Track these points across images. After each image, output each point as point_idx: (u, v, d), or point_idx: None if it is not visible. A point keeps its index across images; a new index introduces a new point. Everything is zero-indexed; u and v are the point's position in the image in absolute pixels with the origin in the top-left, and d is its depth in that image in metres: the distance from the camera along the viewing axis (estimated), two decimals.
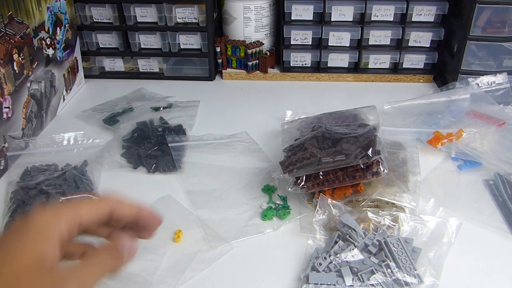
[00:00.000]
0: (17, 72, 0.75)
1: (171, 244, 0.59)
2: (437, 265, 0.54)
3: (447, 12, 0.96)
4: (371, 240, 0.55)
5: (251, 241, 0.60)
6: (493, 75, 0.87)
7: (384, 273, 0.52)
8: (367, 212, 0.59)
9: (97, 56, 1.04)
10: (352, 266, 0.53)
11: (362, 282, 0.51)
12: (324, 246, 0.58)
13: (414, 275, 0.52)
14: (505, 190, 0.67)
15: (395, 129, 0.79)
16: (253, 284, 0.54)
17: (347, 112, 0.76)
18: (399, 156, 0.70)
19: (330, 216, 0.60)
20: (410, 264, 0.52)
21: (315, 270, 0.53)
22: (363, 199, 0.62)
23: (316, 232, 0.59)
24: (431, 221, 0.60)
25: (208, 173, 0.73)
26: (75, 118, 0.90)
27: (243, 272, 0.56)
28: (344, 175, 0.60)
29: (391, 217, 0.59)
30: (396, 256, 0.53)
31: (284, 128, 0.78)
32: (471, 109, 0.82)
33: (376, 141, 0.62)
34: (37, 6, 0.81)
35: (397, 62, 1.01)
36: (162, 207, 0.66)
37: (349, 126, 0.68)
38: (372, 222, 0.58)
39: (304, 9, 0.98)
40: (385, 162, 0.61)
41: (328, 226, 0.60)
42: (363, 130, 0.64)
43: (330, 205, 0.61)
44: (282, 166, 0.63)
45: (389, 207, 0.61)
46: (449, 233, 0.59)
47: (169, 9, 0.97)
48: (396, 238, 0.55)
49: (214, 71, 1.06)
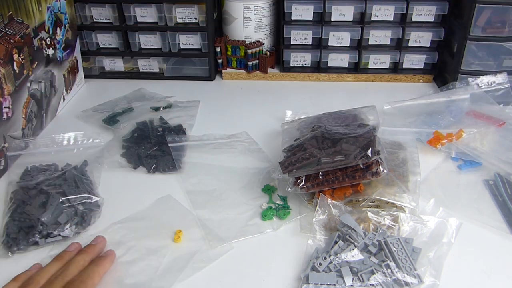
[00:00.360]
0: (17, 72, 0.75)
1: (171, 244, 0.59)
2: (437, 265, 0.54)
3: (447, 12, 0.96)
4: (371, 240, 0.55)
5: (251, 241, 0.60)
6: (493, 75, 0.87)
7: (384, 273, 0.52)
8: (367, 212, 0.59)
9: (97, 56, 1.04)
10: (352, 266, 0.53)
11: (362, 282, 0.51)
12: (324, 246, 0.58)
13: (414, 275, 0.52)
14: (505, 190, 0.67)
15: (395, 129, 0.79)
16: (253, 284, 0.54)
17: (347, 112, 0.76)
18: (399, 156, 0.70)
19: (330, 216, 0.60)
20: (410, 264, 0.52)
21: (315, 270, 0.53)
22: (363, 199, 0.62)
23: (316, 232, 0.59)
24: (431, 221, 0.60)
25: (208, 173, 0.73)
26: (75, 118, 0.90)
27: (243, 272, 0.56)
28: (344, 175, 0.60)
29: (391, 217, 0.59)
30: (396, 256, 0.53)
31: (284, 128, 0.78)
32: (471, 109, 0.82)
33: (376, 141, 0.62)
34: (37, 6, 0.81)
35: (397, 62, 1.01)
36: (162, 207, 0.66)
37: (348, 126, 0.68)
38: (372, 222, 0.58)
39: (304, 9, 0.98)
40: (385, 162, 0.61)
41: (328, 226, 0.60)
42: (362, 130, 0.64)
43: (330, 205, 0.61)
44: (282, 166, 0.63)
45: (389, 207, 0.61)
46: (449, 233, 0.59)
47: (169, 9, 0.97)
48: (396, 238, 0.55)
49: (214, 71, 1.06)
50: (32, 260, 0.57)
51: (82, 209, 0.63)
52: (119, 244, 0.59)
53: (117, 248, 0.58)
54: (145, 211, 0.65)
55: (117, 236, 0.61)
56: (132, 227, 0.62)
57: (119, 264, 0.56)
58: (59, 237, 0.60)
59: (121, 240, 0.60)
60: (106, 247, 0.58)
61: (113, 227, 0.62)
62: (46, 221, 0.60)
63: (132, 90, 0.98)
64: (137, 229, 0.62)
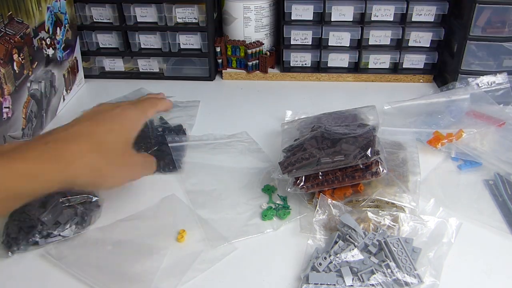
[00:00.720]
0: (17, 72, 0.75)
1: (174, 244, 0.59)
2: (437, 265, 0.54)
3: (447, 12, 0.96)
4: (371, 240, 0.55)
5: (251, 241, 0.60)
6: (493, 75, 0.87)
7: (384, 273, 0.52)
8: (367, 212, 0.59)
9: (97, 56, 1.04)
10: (352, 266, 0.53)
11: (362, 282, 0.51)
12: (324, 246, 0.58)
13: (414, 275, 0.52)
14: (505, 190, 0.67)
15: (395, 129, 0.79)
16: (253, 284, 0.54)
17: (346, 112, 0.76)
18: (399, 156, 0.70)
19: (330, 216, 0.60)
20: (410, 264, 0.53)
21: (315, 270, 0.53)
22: (363, 199, 0.62)
23: (316, 232, 0.59)
24: (431, 221, 0.60)
25: (208, 173, 0.73)
26: None
27: (243, 272, 0.56)
28: (344, 175, 0.60)
29: (391, 217, 0.59)
30: (396, 256, 0.53)
31: (284, 128, 0.78)
32: (471, 109, 0.82)
33: (375, 141, 0.62)
34: (37, 6, 0.81)
35: (397, 62, 1.01)
36: (166, 207, 0.66)
37: (348, 126, 0.68)
38: (372, 222, 0.58)
39: (304, 9, 0.98)
40: (385, 162, 0.61)
41: (328, 226, 0.60)
42: (362, 130, 0.64)
43: (330, 205, 0.61)
44: (281, 166, 0.63)
45: (389, 207, 0.61)
46: (449, 233, 0.59)
47: (169, 9, 0.97)
48: (396, 238, 0.55)
49: (214, 71, 1.06)
50: (32, 260, 0.57)
51: (82, 209, 0.63)
52: (121, 241, 0.59)
53: (120, 245, 0.58)
54: (149, 210, 0.65)
55: (121, 232, 0.61)
56: (137, 225, 0.62)
57: (122, 259, 0.56)
58: (59, 237, 0.60)
59: (124, 238, 0.60)
60: (110, 243, 0.59)
61: (118, 224, 0.62)
62: (46, 221, 0.60)
63: (132, 90, 0.98)
64: (141, 227, 0.62)
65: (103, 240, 0.60)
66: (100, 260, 0.57)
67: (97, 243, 0.60)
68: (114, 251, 0.58)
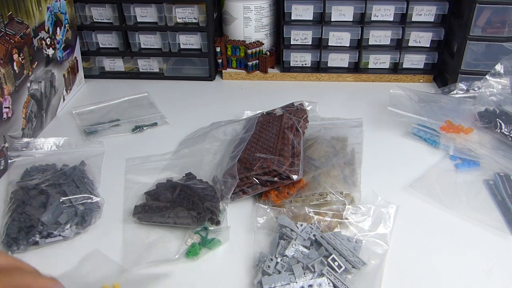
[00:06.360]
0: (17, 72, 0.75)
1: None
2: (377, 253, 0.57)
3: (447, 12, 0.96)
4: (308, 234, 0.57)
5: (193, 265, 0.57)
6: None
7: (330, 263, 0.53)
8: (308, 210, 0.61)
9: (97, 56, 1.04)
10: (300, 261, 0.54)
11: (313, 274, 0.52)
12: (269, 249, 0.58)
13: (357, 261, 0.54)
14: (504, 189, 0.67)
15: (404, 113, 0.81)
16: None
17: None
18: (344, 149, 0.73)
19: (270, 219, 0.62)
20: (351, 253, 0.55)
21: (266, 274, 0.53)
22: (311, 194, 0.64)
23: (260, 238, 0.60)
24: (371, 210, 0.62)
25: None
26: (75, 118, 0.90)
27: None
28: (266, 181, 0.65)
29: (333, 212, 0.61)
30: (337, 246, 0.55)
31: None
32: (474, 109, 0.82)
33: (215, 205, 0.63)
34: (37, 6, 0.81)
35: (397, 62, 1.02)
36: (90, 264, 0.58)
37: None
38: (315, 219, 0.60)
39: (304, 9, 0.98)
40: (301, 168, 0.65)
41: (270, 230, 0.61)
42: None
43: (267, 210, 0.63)
44: (135, 210, 0.64)
45: (335, 199, 0.63)
46: (387, 219, 0.61)
47: (169, 9, 0.97)
48: (332, 233, 0.57)
49: (214, 71, 1.06)
50: (32, 260, 0.56)
51: (83, 209, 0.63)
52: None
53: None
54: (71, 271, 0.57)
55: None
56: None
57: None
58: (59, 237, 0.60)
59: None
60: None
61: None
62: (46, 221, 0.60)
63: (132, 90, 0.97)
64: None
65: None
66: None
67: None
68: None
